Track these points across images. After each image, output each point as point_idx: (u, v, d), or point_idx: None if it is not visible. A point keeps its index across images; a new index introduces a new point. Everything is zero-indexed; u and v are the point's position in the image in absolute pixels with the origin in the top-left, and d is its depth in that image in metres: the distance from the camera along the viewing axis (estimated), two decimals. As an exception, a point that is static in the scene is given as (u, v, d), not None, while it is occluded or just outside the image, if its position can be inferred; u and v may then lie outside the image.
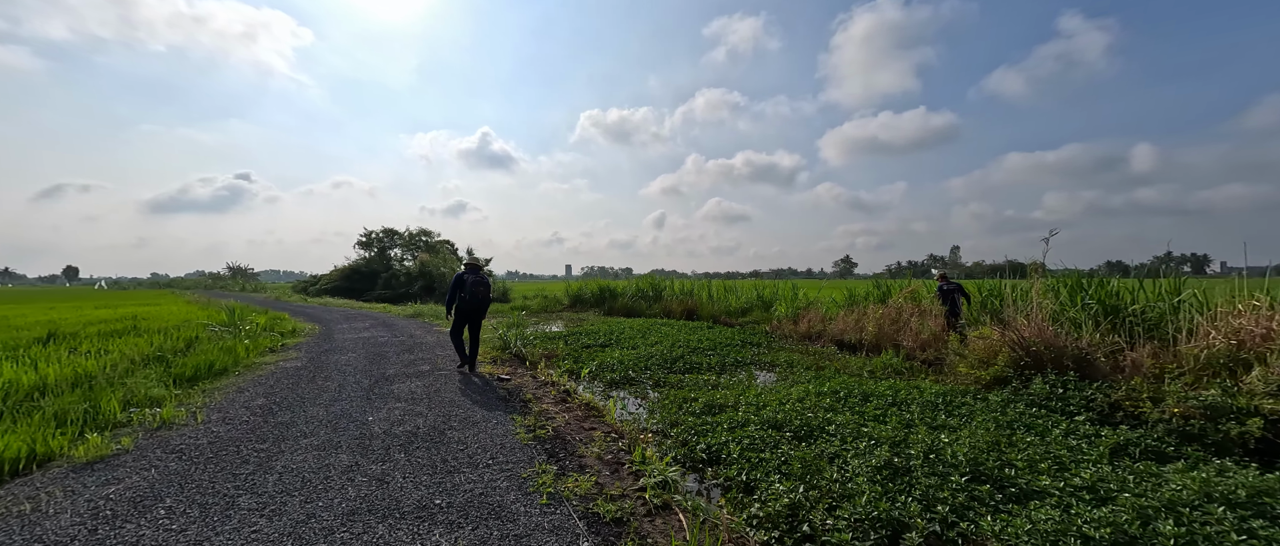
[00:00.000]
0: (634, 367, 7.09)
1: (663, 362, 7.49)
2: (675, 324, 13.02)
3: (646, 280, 18.68)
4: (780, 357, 8.08)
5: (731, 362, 7.79)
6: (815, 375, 6.74)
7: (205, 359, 6.21)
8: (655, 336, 10.16)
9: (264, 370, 6.41)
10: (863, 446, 3.77)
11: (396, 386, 5.46)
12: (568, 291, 21.04)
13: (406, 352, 7.79)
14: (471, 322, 6.49)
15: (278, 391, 5.20)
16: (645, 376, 6.73)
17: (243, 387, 5.39)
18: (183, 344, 7.60)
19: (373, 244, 33.37)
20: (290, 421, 4.13)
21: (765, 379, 6.95)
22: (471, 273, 6.45)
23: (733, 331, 11.42)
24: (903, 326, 8.49)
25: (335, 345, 8.62)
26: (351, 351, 7.91)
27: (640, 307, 17.13)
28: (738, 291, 16.40)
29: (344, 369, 6.45)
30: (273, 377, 5.92)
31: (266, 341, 8.63)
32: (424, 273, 27.79)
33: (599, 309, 18.65)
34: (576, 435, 3.98)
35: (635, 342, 9.34)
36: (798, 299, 13.27)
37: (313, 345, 8.67)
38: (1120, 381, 4.96)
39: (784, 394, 5.33)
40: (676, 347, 8.67)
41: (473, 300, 6.30)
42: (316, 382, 5.64)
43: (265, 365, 6.75)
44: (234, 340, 8.11)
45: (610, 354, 8.15)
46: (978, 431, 4.04)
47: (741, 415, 4.58)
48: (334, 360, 7.13)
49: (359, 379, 5.83)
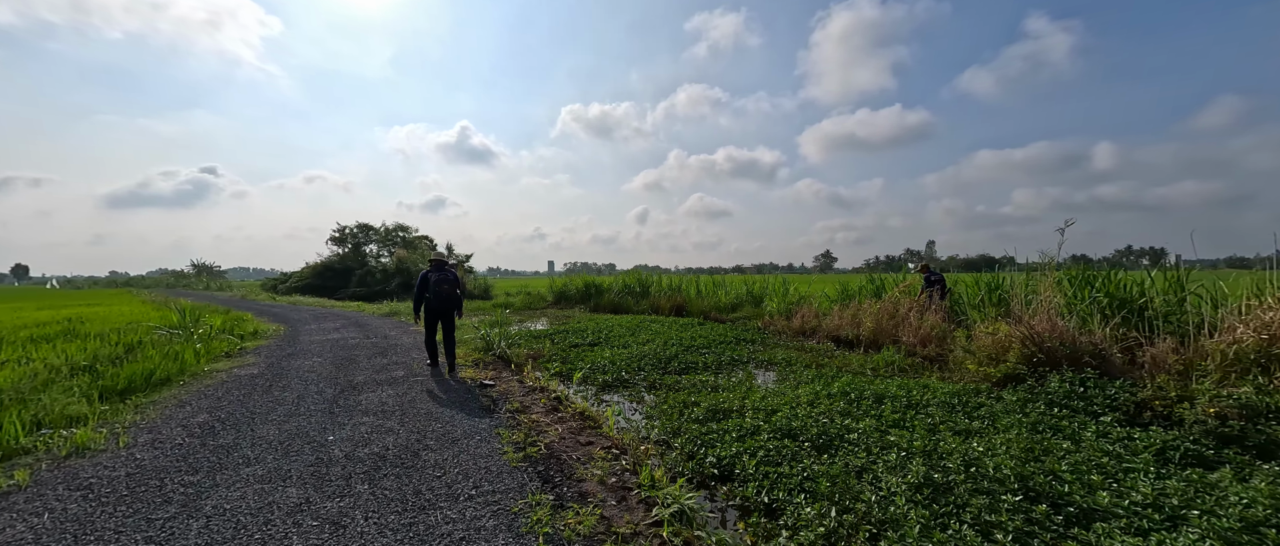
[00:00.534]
0: (627, 368, 6.63)
1: (656, 362, 7.04)
2: (665, 321, 12.57)
3: (633, 276, 18.18)
4: (777, 355, 7.72)
5: (728, 361, 7.40)
6: (817, 374, 6.39)
7: (144, 367, 5.46)
8: (646, 334, 9.69)
9: (213, 379, 5.69)
10: (893, 458, 3.37)
11: (365, 396, 4.84)
12: (552, 288, 20.39)
13: (379, 356, 7.13)
14: (444, 323, 6.22)
15: (224, 405, 4.53)
16: (639, 377, 6.28)
17: (184, 401, 4.70)
18: (122, 349, 6.76)
19: (347, 240, 31.93)
20: (233, 444, 3.50)
21: (765, 378, 6.56)
22: (436, 270, 6.14)
23: (725, 328, 11.04)
24: (901, 322, 8.22)
25: (300, 348, 7.88)
26: (317, 355, 7.21)
27: (627, 304, 16.64)
28: (727, 287, 16.05)
29: (306, 376, 5.78)
30: (222, 388, 5.23)
31: (221, 345, 7.82)
32: (401, 269, 26.69)
33: (585, 305, 18.10)
34: (573, 452, 3.48)
35: (626, 341, 8.86)
36: (789, 294, 12.98)
37: (274, 348, 7.91)
38: (1142, 379, 4.71)
39: (791, 396, 4.94)
40: (669, 346, 8.23)
41: (438, 299, 6.02)
42: (272, 393, 4.98)
43: (216, 373, 6.02)
44: (183, 344, 7.30)
45: (601, 353, 7.66)
46: (1010, 437, 3.70)
47: (749, 421, 4.16)
48: (296, 366, 6.43)
49: (322, 388, 5.19)
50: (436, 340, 6.40)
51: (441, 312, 6.16)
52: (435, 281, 6.06)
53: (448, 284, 6.14)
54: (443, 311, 6.15)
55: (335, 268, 28.95)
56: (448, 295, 6.13)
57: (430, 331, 6.33)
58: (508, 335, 7.60)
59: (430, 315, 6.18)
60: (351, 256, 30.40)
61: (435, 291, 6.04)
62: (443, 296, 6.08)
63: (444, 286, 6.10)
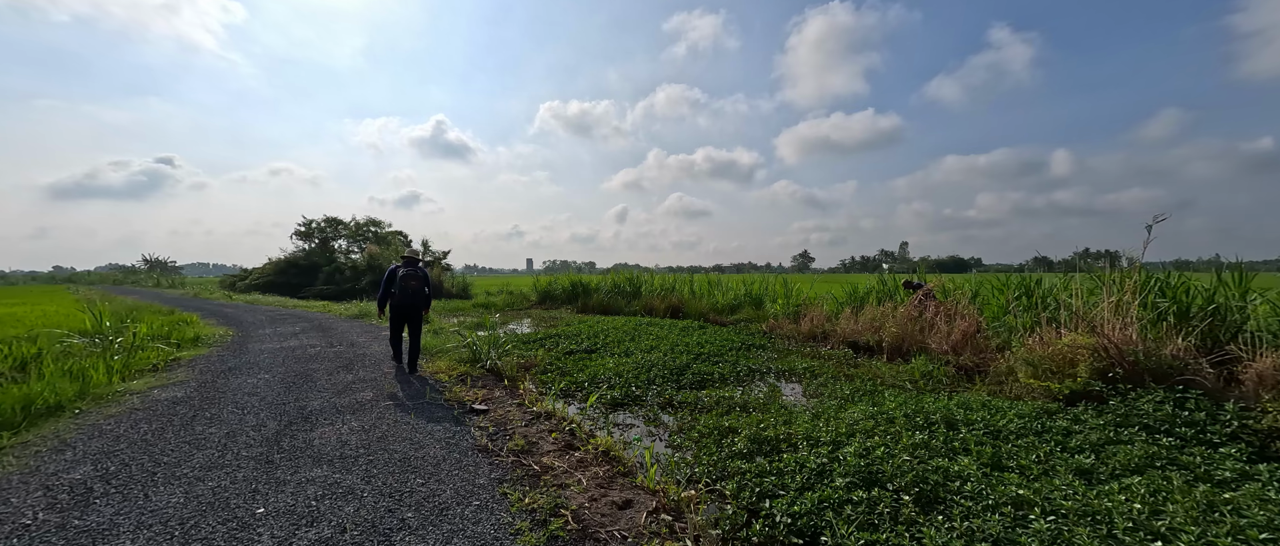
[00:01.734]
0: (635, 381, 5.70)
1: (667, 374, 6.13)
2: (662, 323, 11.63)
3: (624, 275, 17.17)
4: (797, 364, 6.89)
5: (744, 371, 6.54)
6: (853, 388, 5.58)
7: (20, 395, 4.13)
8: (647, 339, 8.74)
9: (122, 406, 4.40)
10: (1036, 523, 2.52)
11: (319, 432, 3.70)
12: (536, 287, 19.16)
13: (342, 370, 5.91)
14: (410, 322, 6.00)
15: (121, 450, 3.32)
16: (651, 393, 5.37)
17: (68, 442, 3.45)
18: (8, 365, 5.33)
19: (313, 234, 29.72)
20: (109, 524, 2.35)
21: (793, 392, 5.72)
22: (407, 265, 5.93)
23: (729, 332, 10.17)
24: (929, 327, 7.51)
25: (246, 360, 6.56)
26: (265, 370, 5.93)
27: (618, 304, 15.62)
28: (723, 287, 15.23)
29: (245, 401, 4.56)
30: (128, 421, 3.97)
31: (148, 356, 6.43)
32: (372, 266, 24.87)
33: (572, 306, 16.98)
34: (610, 522, 2.49)
35: (627, 347, 7.88)
36: (792, 296, 12.23)
37: (215, 360, 6.57)
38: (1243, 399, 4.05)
39: (843, 420, 4.08)
40: (677, 354, 7.31)
41: (404, 296, 5.80)
42: (193, 429, 3.77)
43: (128, 397, 4.72)
44: (95, 357, 5.90)
45: (602, 363, 6.68)
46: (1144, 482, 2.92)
47: (810, 457, 3.26)
48: (235, 386, 5.17)
49: (263, 420, 4.00)
50: (402, 338, 6.19)
51: (408, 310, 5.90)
52: (403, 277, 5.81)
53: (415, 280, 5.89)
54: (409, 308, 5.90)
55: (300, 264, 26.81)
56: (415, 292, 5.88)
57: (396, 329, 6.14)
58: (496, 342, 6.51)
59: (396, 312, 5.94)
60: (318, 252, 28.27)
61: (402, 287, 5.79)
62: (409, 292, 5.82)
63: (412, 282, 5.85)
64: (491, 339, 6.55)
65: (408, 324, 6.04)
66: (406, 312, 5.93)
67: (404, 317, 5.99)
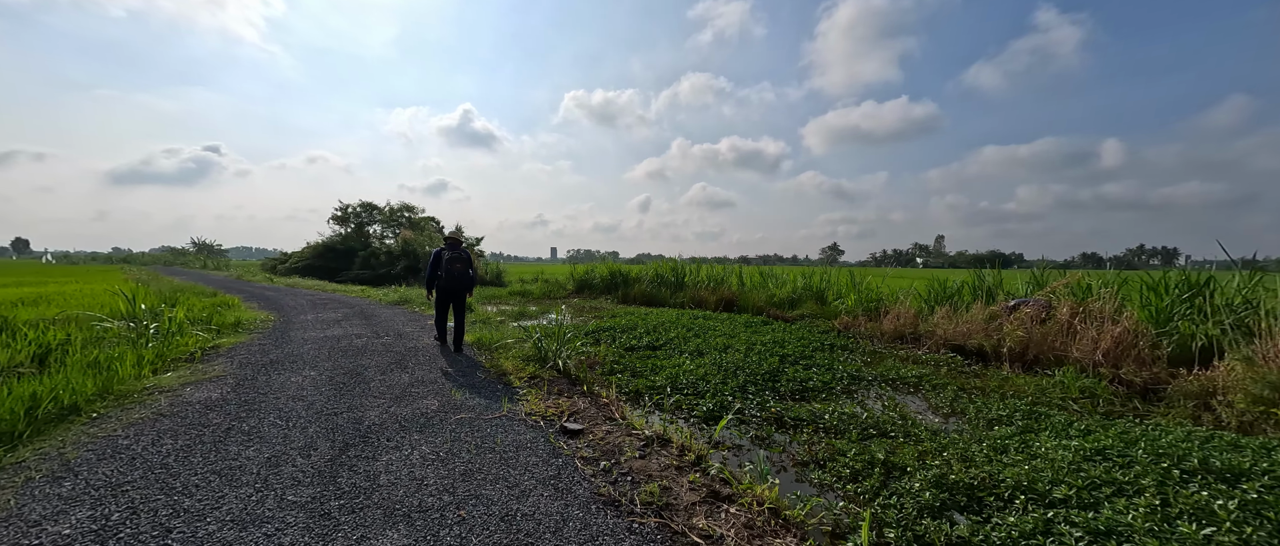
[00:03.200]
0: (725, 388, 4.76)
1: (758, 380, 5.17)
2: (717, 317, 10.56)
3: (666, 265, 16.10)
4: (902, 371, 5.76)
5: (846, 379, 5.49)
6: (1002, 407, 4.46)
7: (25, 394, 3.35)
8: (713, 336, 7.72)
9: (146, 409, 3.60)
10: None
11: (385, 461, 2.79)
12: (573, 275, 18.29)
13: (396, 368, 5.05)
14: (455, 303, 6.01)
15: (132, 483, 2.46)
16: (751, 404, 4.43)
17: (69, 467, 2.62)
18: (32, 351, 4.64)
19: (349, 219, 29.55)
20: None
21: (918, 408, 4.63)
22: (451, 248, 5.89)
23: (802, 330, 9.04)
24: (1070, 333, 6.23)
25: (288, 351, 5.79)
26: (310, 365, 5.12)
27: (662, 296, 14.58)
28: (777, 278, 14.02)
29: (289, 409, 3.70)
30: (148, 434, 3.15)
31: (185, 343, 5.72)
32: (407, 251, 24.43)
33: (610, 296, 16.03)
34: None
35: (695, 345, 6.89)
36: (863, 291, 10.96)
37: (254, 350, 5.82)
38: None
39: (1057, 460, 3.00)
40: (756, 354, 6.29)
41: (450, 278, 5.78)
42: (227, 449, 2.91)
43: (155, 396, 3.93)
44: (125, 346, 5.19)
45: (677, 364, 5.72)
46: None
47: (1034, 520, 2.19)
48: (278, 384, 4.35)
49: (313, 437, 3.12)
50: (448, 320, 6.16)
51: (454, 293, 5.90)
52: (448, 260, 5.77)
53: (460, 263, 5.81)
54: (455, 292, 5.89)
55: (337, 248, 26.64)
56: (460, 274, 5.81)
57: (441, 311, 6.11)
58: (561, 339, 5.58)
59: (442, 295, 5.94)
60: (354, 237, 28.09)
61: (448, 270, 5.75)
62: (455, 275, 5.78)
63: (457, 265, 5.79)
64: (558, 334, 5.60)
65: (453, 305, 6.00)
66: (452, 295, 5.93)
67: (449, 299, 5.97)
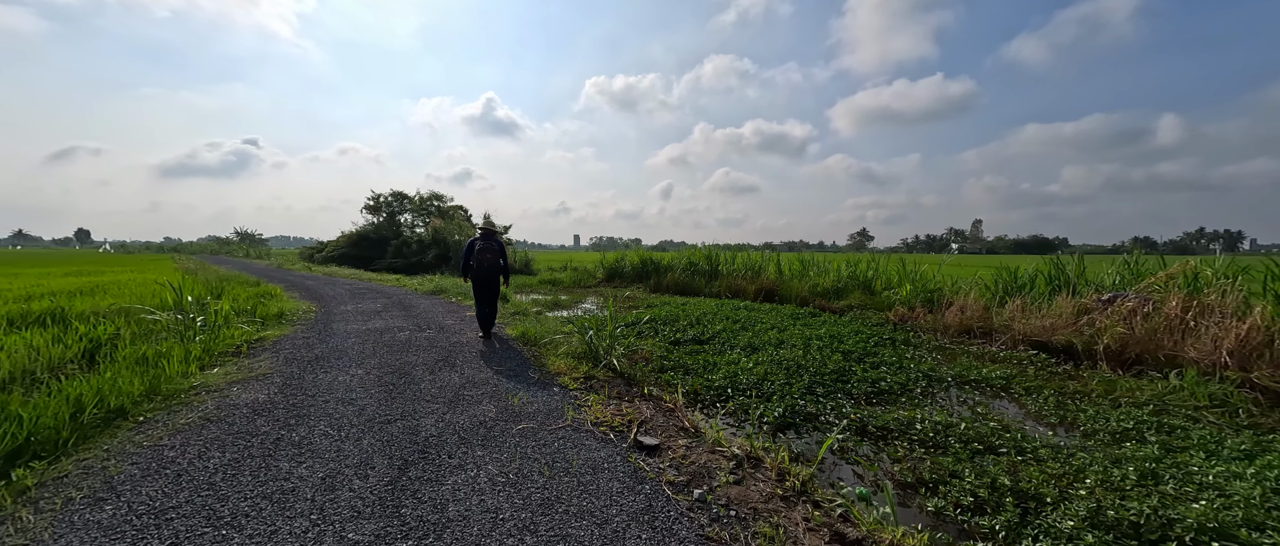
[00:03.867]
0: (793, 389, 4.31)
1: (825, 380, 4.72)
2: (759, 308, 10.00)
3: (700, 252, 15.54)
4: (986, 372, 5.14)
5: (923, 379, 4.94)
6: (1123, 418, 3.84)
7: (69, 398, 3.14)
8: (763, 330, 7.22)
9: (193, 413, 3.36)
10: None
11: (451, 484, 2.43)
12: (602, 263, 17.93)
13: (444, 366, 4.75)
14: (488, 292, 6.07)
15: (175, 509, 2.17)
16: (825, 408, 3.97)
17: (111, 486, 2.36)
18: (82, 347, 4.51)
19: (381, 208, 29.93)
20: None
21: (1016, 417, 4.05)
22: (483, 238, 5.94)
23: (851, 323, 8.41)
24: (1187, 331, 5.46)
25: (333, 346, 5.58)
26: (356, 362, 4.87)
27: (696, 284, 14.08)
28: (819, 266, 13.29)
29: (340, 415, 3.41)
30: (195, 445, 2.88)
31: (232, 336, 5.58)
32: (437, 240, 24.54)
33: (642, 284, 15.61)
34: None
35: (745, 340, 6.41)
36: (921, 279, 10.19)
37: (298, 344, 5.63)
38: None
39: (1220, 489, 2.41)
40: (816, 351, 5.78)
41: (481, 268, 5.85)
42: (277, 465, 2.61)
43: (204, 395, 3.71)
44: (173, 342, 5.05)
45: (731, 361, 5.28)
46: None
47: None
48: (325, 385, 4.08)
49: (368, 452, 2.80)
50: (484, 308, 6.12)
51: (486, 282, 5.96)
52: (480, 250, 5.85)
53: (491, 253, 5.87)
54: (488, 281, 5.96)
55: (371, 237, 27.03)
56: (491, 264, 5.87)
57: (479, 302, 6.10)
58: (611, 335, 5.17)
59: (476, 285, 5.99)
60: (386, 225, 28.44)
61: (479, 260, 5.82)
62: (486, 265, 5.85)
63: (488, 255, 5.84)
64: (608, 330, 5.20)
65: (486, 293, 6.04)
66: (485, 284, 5.97)
67: (482, 288, 6.01)
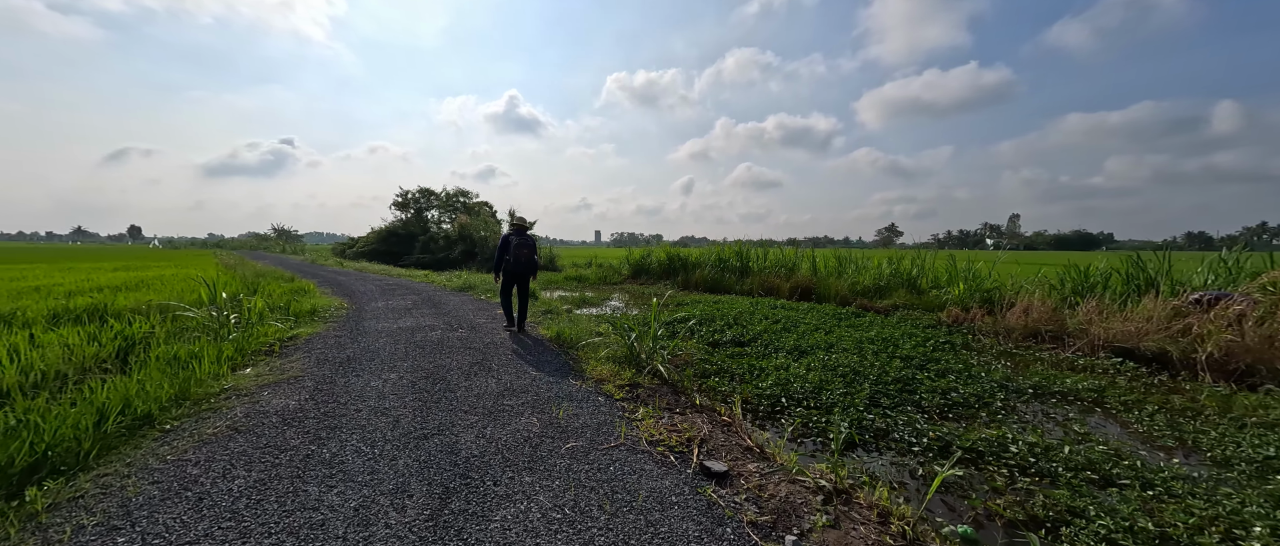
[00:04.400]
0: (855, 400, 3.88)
1: (888, 390, 4.24)
2: (798, 307, 9.46)
3: (730, 248, 15.01)
4: (1070, 383, 4.54)
5: (996, 390, 4.39)
6: (1272, 442, 3.24)
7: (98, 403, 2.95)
8: (808, 331, 6.76)
9: (222, 420, 3.14)
10: None
11: (497, 520, 2.08)
12: (628, 260, 17.56)
13: (480, 370, 4.45)
14: (520, 285, 6.26)
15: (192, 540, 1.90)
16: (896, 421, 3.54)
17: (127, 510, 2.10)
18: (116, 345, 4.40)
19: (409, 205, 30.31)
20: None
21: (1116, 435, 3.48)
22: (518, 234, 6.06)
23: (901, 324, 7.81)
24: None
25: (364, 346, 5.37)
26: (388, 365, 4.63)
27: (726, 282, 13.57)
28: (856, 263, 12.60)
29: (373, 426, 3.13)
30: (221, 459, 2.63)
31: (265, 334, 5.44)
32: (464, 236, 24.66)
33: (669, 282, 15.18)
34: None
35: (790, 342, 5.97)
36: (977, 278, 9.44)
37: (330, 344, 5.45)
38: None
39: None
40: (871, 356, 5.28)
41: (517, 263, 5.97)
42: (306, 488, 2.32)
43: (233, 400, 3.50)
44: (207, 341, 4.91)
45: (779, 366, 4.85)
46: None
47: None
48: (356, 389, 3.84)
49: (405, 476, 2.48)
50: (512, 301, 6.42)
51: (519, 276, 6.13)
52: (516, 245, 5.95)
53: (526, 249, 5.99)
54: (521, 275, 6.12)
55: (399, 233, 27.40)
56: (526, 260, 6.00)
57: (506, 293, 6.36)
58: (654, 338, 4.79)
59: (508, 278, 6.17)
60: (414, 222, 28.78)
61: (516, 255, 5.94)
62: (521, 261, 5.97)
63: (524, 251, 5.97)
64: (651, 333, 4.81)
65: (517, 287, 6.24)
66: (517, 278, 6.12)
67: (514, 282, 6.17)
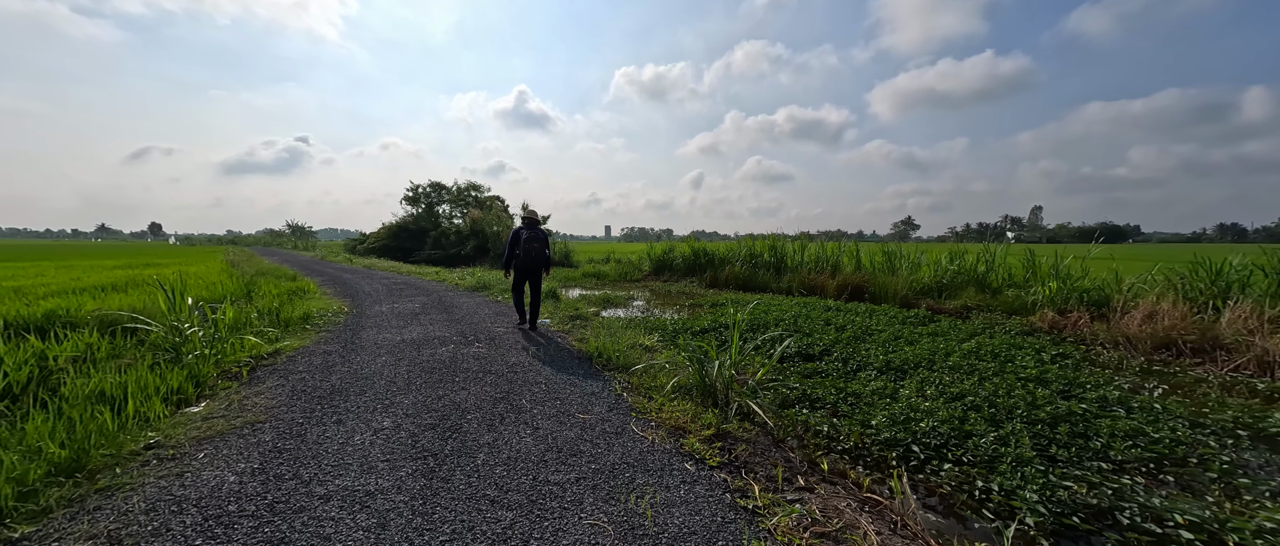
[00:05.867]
0: (1017, 450, 2.58)
1: (1049, 430, 2.96)
2: (854, 309, 8.19)
3: (763, 243, 13.72)
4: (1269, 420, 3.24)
5: (1190, 433, 3.11)
6: None
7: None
8: (886, 339, 5.52)
9: (103, 519, 2.03)
10: None
11: None
12: (650, 255, 16.36)
13: (508, 410, 3.28)
14: (532, 280, 5.92)
15: None
16: (1105, 494, 2.27)
17: None
18: (28, 373, 3.32)
19: (420, 199, 29.37)
20: None
21: None
22: (529, 228, 5.77)
23: (983, 329, 6.54)
24: None
25: (356, 367, 4.24)
26: (382, 402, 3.48)
27: (761, 279, 12.29)
28: (908, 258, 11.25)
29: (344, 523, 2.00)
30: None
31: (238, 350, 4.36)
32: (475, 231, 23.63)
33: (695, 278, 13.96)
34: None
35: (874, 356, 4.71)
36: (1064, 275, 8.08)
37: (315, 364, 4.33)
38: None
39: None
40: (990, 374, 4.03)
41: (528, 258, 5.68)
42: None
43: (150, 470, 2.39)
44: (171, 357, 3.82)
45: (884, 392, 3.63)
46: None
47: None
48: (333, 449, 2.69)
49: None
50: (525, 299, 6.04)
51: (530, 271, 5.84)
52: (526, 239, 5.66)
53: (537, 243, 5.70)
54: (531, 270, 5.82)
55: (410, 228, 26.47)
56: (537, 254, 5.72)
57: (518, 289, 6.01)
58: (733, 363, 3.61)
59: (519, 273, 5.86)
60: (425, 217, 27.83)
61: (526, 250, 5.65)
62: (532, 255, 5.69)
63: (534, 245, 5.68)
64: (732, 357, 3.61)
65: (530, 283, 5.95)
66: (529, 274, 5.87)
67: (526, 277, 5.91)
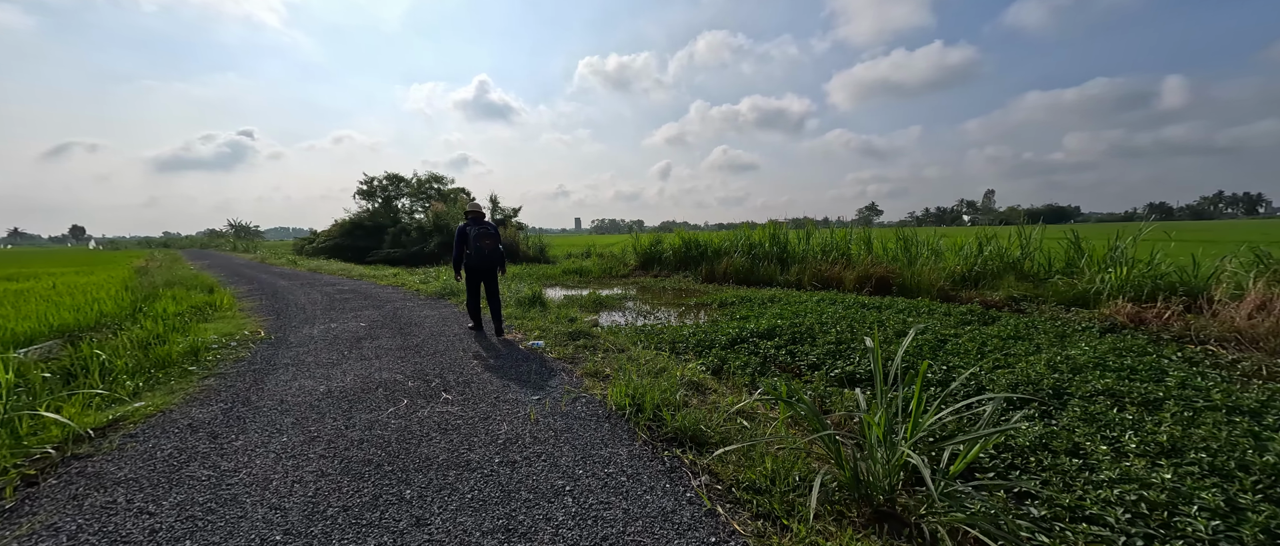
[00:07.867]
0: None
1: None
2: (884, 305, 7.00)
3: (763, 232, 12.50)
4: None
5: None
6: None
7: None
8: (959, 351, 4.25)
9: None
10: None
11: None
12: (635, 248, 14.88)
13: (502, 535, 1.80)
14: (487, 282, 5.26)
15: None
16: None
17: None
18: None
19: (376, 193, 26.60)
20: None
21: None
22: (475, 224, 5.13)
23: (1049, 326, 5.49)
24: None
25: (239, 455, 2.58)
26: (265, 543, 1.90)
27: (764, 272, 11.07)
28: (929, 245, 10.27)
29: None
30: None
31: (40, 432, 2.63)
32: (439, 226, 21.38)
33: (687, 273, 12.62)
34: None
35: (952, 374, 3.42)
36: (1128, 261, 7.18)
37: (171, 444, 2.64)
38: None
39: None
40: (1137, 400, 2.78)
41: (479, 258, 5.08)
42: None
43: None
44: None
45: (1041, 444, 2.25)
46: None
47: None
48: None
49: None
50: (480, 302, 5.36)
51: (484, 272, 5.21)
52: (475, 236, 5.05)
53: (489, 240, 5.10)
54: (486, 270, 5.20)
55: (365, 225, 23.81)
56: (490, 251, 5.12)
57: (473, 292, 5.33)
58: (910, 440, 2.24)
59: (472, 274, 5.21)
60: (382, 212, 25.16)
61: (476, 248, 5.05)
62: (485, 253, 5.09)
63: (486, 241, 5.08)
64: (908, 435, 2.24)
65: (485, 285, 5.28)
66: (483, 274, 5.23)
67: (480, 279, 5.26)
